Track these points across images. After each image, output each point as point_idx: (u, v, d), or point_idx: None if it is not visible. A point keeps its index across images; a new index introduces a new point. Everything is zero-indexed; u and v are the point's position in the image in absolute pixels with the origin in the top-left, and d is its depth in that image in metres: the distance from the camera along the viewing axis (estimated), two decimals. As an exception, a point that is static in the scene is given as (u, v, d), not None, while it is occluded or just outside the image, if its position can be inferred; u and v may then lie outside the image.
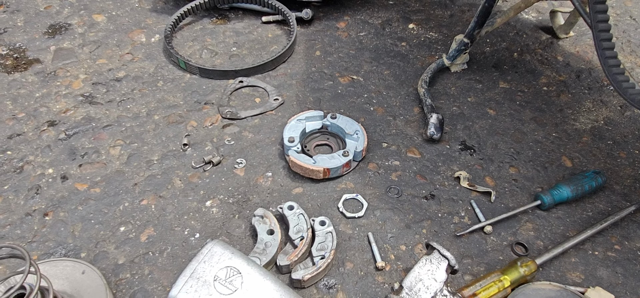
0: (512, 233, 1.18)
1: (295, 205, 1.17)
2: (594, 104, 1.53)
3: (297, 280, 1.05)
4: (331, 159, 1.27)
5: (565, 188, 1.22)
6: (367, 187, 1.27)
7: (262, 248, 1.10)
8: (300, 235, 1.11)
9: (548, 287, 1.06)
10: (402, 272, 1.10)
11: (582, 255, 1.14)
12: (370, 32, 1.79)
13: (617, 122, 1.47)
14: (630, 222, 1.21)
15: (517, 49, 1.72)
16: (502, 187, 1.28)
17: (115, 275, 1.09)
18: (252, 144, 1.38)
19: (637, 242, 1.18)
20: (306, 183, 1.27)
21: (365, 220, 1.20)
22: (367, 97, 1.53)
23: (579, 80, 1.61)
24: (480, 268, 1.11)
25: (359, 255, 1.13)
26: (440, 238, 1.17)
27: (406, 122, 1.45)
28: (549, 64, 1.67)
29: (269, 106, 1.47)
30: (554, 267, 1.12)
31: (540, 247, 1.15)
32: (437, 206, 1.23)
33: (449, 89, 1.57)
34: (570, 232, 1.18)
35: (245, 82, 1.54)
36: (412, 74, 1.61)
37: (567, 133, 1.44)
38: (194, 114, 1.46)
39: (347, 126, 1.34)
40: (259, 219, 1.15)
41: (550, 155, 1.37)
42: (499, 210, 1.22)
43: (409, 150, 1.36)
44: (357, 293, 1.06)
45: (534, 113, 1.50)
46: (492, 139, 1.41)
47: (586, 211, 1.24)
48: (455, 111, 1.49)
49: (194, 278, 0.92)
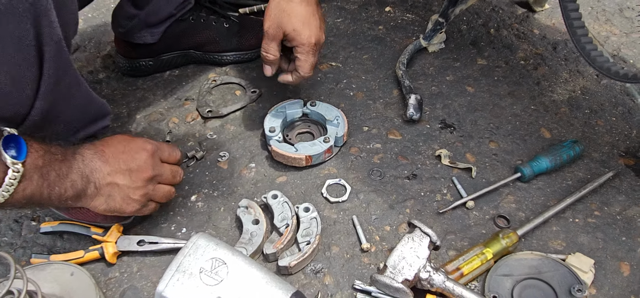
0: (494, 206, 1.20)
1: (279, 193, 1.18)
2: (571, 74, 1.55)
3: (284, 267, 1.06)
4: (312, 146, 1.28)
5: (544, 159, 1.24)
6: (349, 171, 1.29)
7: (248, 238, 1.11)
8: (285, 223, 1.12)
9: (530, 257, 1.08)
10: (387, 252, 1.12)
11: (563, 224, 1.17)
12: (346, 18, 1.80)
13: (594, 91, 1.50)
14: (609, 187, 1.24)
15: (494, 25, 1.73)
16: (482, 163, 1.30)
17: (105, 275, 1.09)
18: (235, 136, 1.38)
19: (616, 206, 1.20)
20: (289, 172, 1.28)
21: (349, 204, 1.21)
22: (346, 82, 1.54)
23: (555, 52, 1.63)
24: (464, 243, 1.13)
25: (344, 238, 1.15)
26: (424, 217, 1.18)
27: (386, 104, 1.46)
28: (525, 38, 1.68)
29: (249, 99, 1.48)
30: (535, 237, 1.14)
31: (522, 218, 1.18)
32: (419, 185, 1.25)
33: (427, 69, 1.58)
34: (551, 202, 1.21)
35: (219, 80, 1.54)
36: (390, 57, 1.62)
37: (544, 105, 1.46)
38: (176, 111, 1.46)
39: (327, 112, 1.35)
40: (244, 210, 1.16)
41: (529, 128, 1.39)
42: (481, 185, 1.23)
43: (389, 132, 1.38)
44: (343, 275, 1.08)
45: (511, 87, 1.52)
46: (471, 115, 1.42)
47: (566, 180, 1.26)
48: (434, 91, 1.50)
49: (180, 271, 0.93)
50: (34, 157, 0.86)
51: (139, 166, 1.01)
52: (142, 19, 1.43)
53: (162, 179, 1.08)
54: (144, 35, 1.46)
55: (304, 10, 1.18)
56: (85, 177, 0.95)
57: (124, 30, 1.45)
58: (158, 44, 1.49)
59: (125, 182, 1.00)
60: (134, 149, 1.02)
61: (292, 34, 1.18)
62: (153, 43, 1.48)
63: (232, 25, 1.56)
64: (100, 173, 0.97)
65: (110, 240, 1.11)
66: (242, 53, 1.59)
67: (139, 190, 1.02)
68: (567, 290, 1.01)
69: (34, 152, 0.86)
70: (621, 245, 1.12)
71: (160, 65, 1.56)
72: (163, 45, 1.51)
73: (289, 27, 1.17)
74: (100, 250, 1.10)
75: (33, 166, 0.85)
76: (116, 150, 1.00)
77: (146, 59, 1.53)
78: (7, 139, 0.82)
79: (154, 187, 1.06)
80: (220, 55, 1.58)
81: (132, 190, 1.01)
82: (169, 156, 1.10)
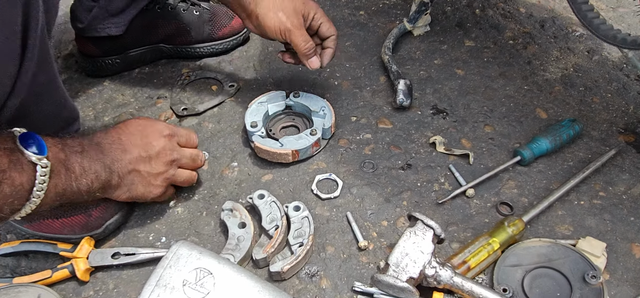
0: (495, 193, 1.13)
1: (266, 193, 1.08)
2: (562, 52, 1.50)
3: (277, 273, 0.97)
4: (299, 140, 1.19)
5: (543, 140, 1.18)
6: (340, 164, 1.20)
7: (234, 243, 1.01)
8: (274, 225, 1.03)
9: (538, 244, 1.01)
10: (386, 249, 1.04)
11: (568, 207, 1.10)
12: (326, 4, 1.71)
13: (586, 68, 1.44)
14: (611, 166, 1.18)
15: (479, 5, 1.67)
16: (479, 148, 1.23)
17: (77, 295, 0.98)
18: (214, 134, 1.28)
19: (620, 186, 1.14)
20: (275, 169, 1.19)
21: (342, 200, 1.13)
22: (330, 71, 1.45)
23: (543, 29, 1.57)
24: (467, 234, 1.06)
25: (339, 237, 1.06)
26: (422, 208, 1.11)
27: (373, 92, 1.38)
28: (512, 17, 1.62)
29: (227, 93, 1.38)
30: (541, 223, 1.07)
31: (525, 204, 1.11)
32: (415, 175, 1.17)
33: (413, 54, 1.50)
34: (554, 185, 1.14)
35: (193, 75, 1.43)
36: (374, 43, 1.54)
37: (538, 84, 1.39)
38: (147, 111, 1.35)
39: (312, 103, 1.26)
40: (229, 213, 1.06)
41: (524, 109, 1.32)
42: (479, 172, 1.16)
43: (379, 121, 1.30)
44: (341, 277, 0.99)
45: (502, 68, 1.45)
46: (463, 99, 1.35)
47: (567, 161, 1.20)
48: (422, 75, 1.43)
49: (160, 286, 0.83)
50: (55, 151, 0.80)
51: (158, 152, 0.99)
52: (102, 7, 1.31)
53: (182, 163, 1.04)
54: (107, 26, 1.34)
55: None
56: (107, 168, 0.92)
57: (84, 25, 1.33)
58: (124, 38, 1.38)
59: (146, 169, 0.98)
60: (152, 135, 0.99)
61: (308, 9, 1.13)
62: (118, 36, 1.37)
63: (202, 12, 1.46)
64: (122, 163, 0.94)
65: (80, 256, 1.00)
66: (216, 43, 1.48)
67: (160, 175, 1.00)
68: (581, 277, 0.95)
69: (53, 146, 0.80)
70: (630, 225, 1.07)
71: (128, 63, 1.45)
72: (129, 40, 1.40)
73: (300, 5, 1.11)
74: (69, 268, 0.98)
75: (57, 160, 0.80)
76: (134, 137, 0.97)
77: (112, 57, 1.41)
78: (23, 137, 0.76)
79: (175, 172, 1.03)
80: (193, 47, 1.48)
81: (154, 176, 0.99)
82: (187, 141, 1.07)
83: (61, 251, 1.00)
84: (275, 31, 1.11)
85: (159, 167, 0.99)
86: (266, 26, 1.11)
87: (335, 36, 1.18)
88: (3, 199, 0.72)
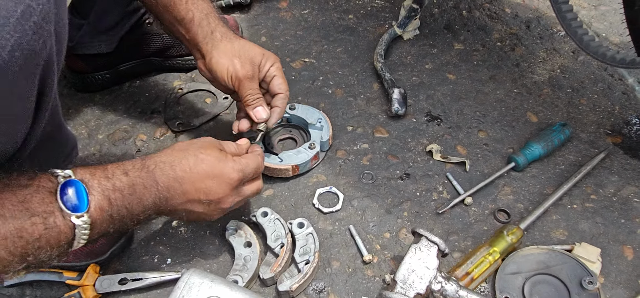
0: (492, 200, 1.16)
1: (269, 210, 1.09)
2: (548, 53, 1.53)
3: (285, 292, 0.98)
4: (298, 154, 1.19)
5: (536, 145, 1.21)
6: (339, 176, 1.21)
7: (241, 264, 1.02)
8: (279, 243, 1.04)
9: (536, 252, 1.05)
10: (390, 261, 1.06)
11: (562, 211, 1.14)
12: (314, 9, 1.70)
13: (572, 69, 1.48)
14: (601, 168, 1.22)
15: (465, 6, 1.69)
16: (474, 154, 1.26)
17: (82, 323, 0.98)
18: (211, 149, 1.28)
19: (610, 188, 1.19)
20: (276, 184, 1.20)
21: (344, 213, 1.14)
22: (323, 79, 1.46)
23: (529, 30, 1.60)
24: (467, 243, 1.09)
25: (343, 251, 1.08)
26: (423, 219, 1.13)
27: (368, 100, 1.39)
28: (498, 18, 1.65)
29: (222, 106, 1.37)
30: (537, 229, 1.11)
31: (521, 210, 1.14)
32: (413, 185, 1.19)
33: (404, 59, 1.52)
34: (547, 189, 1.18)
35: (186, 88, 1.42)
36: (365, 48, 1.55)
37: (526, 87, 1.43)
38: (142, 126, 1.34)
39: (308, 115, 1.27)
40: (233, 232, 1.07)
41: (515, 113, 1.35)
42: (476, 179, 1.19)
43: (375, 130, 1.31)
44: (348, 292, 1.01)
45: (491, 71, 1.48)
46: (456, 105, 1.38)
47: (558, 165, 1.23)
48: (415, 81, 1.44)
49: (176, 317, 0.84)
50: (98, 201, 0.76)
51: (219, 198, 0.92)
52: (91, 24, 1.29)
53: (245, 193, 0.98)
54: (97, 44, 1.32)
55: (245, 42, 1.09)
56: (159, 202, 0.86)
57: (73, 43, 1.30)
58: (114, 53, 1.36)
59: (202, 210, 0.92)
60: (217, 180, 0.91)
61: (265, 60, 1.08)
62: (108, 52, 1.35)
63: None
64: (176, 201, 0.89)
65: (87, 284, 0.99)
66: None
67: (217, 213, 0.95)
68: (578, 282, 0.99)
69: (96, 194, 0.76)
70: (621, 228, 1.11)
71: (118, 77, 1.43)
72: (120, 55, 1.38)
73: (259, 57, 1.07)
74: (77, 296, 0.98)
75: (99, 211, 0.76)
76: (196, 179, 0.89)
77: (102, 72, 1.39)
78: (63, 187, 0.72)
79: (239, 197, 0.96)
80: (184, 59, 1.46)
81: (209, 215, 0.95)
82: (254, 172, 0.98)
83: (67, 279, 1.00)
84: (226, 77, 1.06)
85: (216, 212, 0.95)
86: (218, 70, 1.06)
87: (285, 94, 1.11)
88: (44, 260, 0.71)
